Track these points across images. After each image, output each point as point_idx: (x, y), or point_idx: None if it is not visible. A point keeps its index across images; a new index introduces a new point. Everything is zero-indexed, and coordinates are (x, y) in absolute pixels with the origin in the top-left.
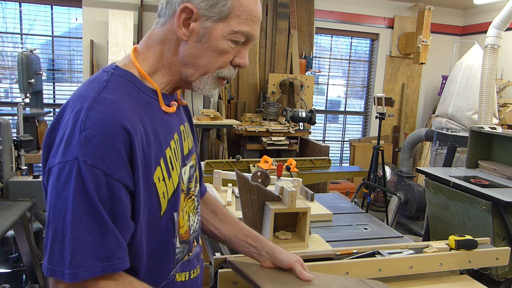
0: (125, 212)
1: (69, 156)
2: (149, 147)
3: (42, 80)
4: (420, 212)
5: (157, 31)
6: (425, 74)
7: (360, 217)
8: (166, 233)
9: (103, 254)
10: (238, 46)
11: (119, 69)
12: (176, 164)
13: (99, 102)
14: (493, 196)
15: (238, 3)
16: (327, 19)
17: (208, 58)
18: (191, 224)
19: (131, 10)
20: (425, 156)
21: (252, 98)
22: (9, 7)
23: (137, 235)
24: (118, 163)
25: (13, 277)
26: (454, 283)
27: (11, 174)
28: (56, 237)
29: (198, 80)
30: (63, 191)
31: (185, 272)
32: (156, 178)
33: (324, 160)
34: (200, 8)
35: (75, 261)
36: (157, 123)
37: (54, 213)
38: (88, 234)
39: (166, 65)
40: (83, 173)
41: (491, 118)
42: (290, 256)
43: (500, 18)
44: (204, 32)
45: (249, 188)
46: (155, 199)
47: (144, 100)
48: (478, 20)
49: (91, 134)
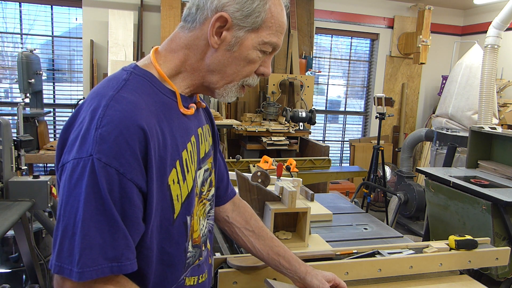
0: (136, 213)
1: (84, 153)
2: (165, 149)
3: (42, 80)
4: (420, 212)
5: (183, 36)
6: (425, 74)
7: (360, 217)
8: (178, 237)
9: (112, 254)
10: (265, 55)
11: (139, 69)
12: (192, 167)
13: (117, 100)
14: (493, 196)
15: (271, 14)
16: (327, 19)
17: (236, 66)
18: (201, 228)
19: (131, 10)
20: (425, 156)
21: (252, 98)
22: (9, 7)
23: (147, 237)
24: (132, 162)
25: (13, 277)
26: (454, 283)
27: (11, 174)
28: (66, 234)
29: (223, 87)
30: (76, 188)
31: (195, 276)
32: (170, 180)
33: (324, 160)
34: (235, 17)
35: (84, 259)
36: (175, 125)
37: (66, 209)
38: (98, 233)
39: (189, 70)
40: (96, 170)
41: (491, 118)
42: (322, 281)
43: (500, 18)
44: (236, 41)
45: (249, 188)
46: (168, 202)
47: (162, 101)
48: (478, 20)
49: (106, 131)
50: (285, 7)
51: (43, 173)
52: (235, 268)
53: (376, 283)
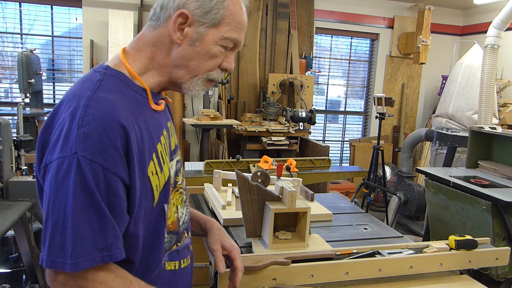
0: (121, 204)
1: (68, 152)
2: (143, 143)
3: (42, 80)
4: (420, 212)
5: (149, 34)
6: (425, 74)
7: (360, 217)
8: (156, 224)
9: (103, 244)
10: (227, 51)
11: (110, 69)
12: (166, 158)
13: (95, 100)
14: (493, 196)
15: (229, 12)
16: (327, 19)
17: (200, 61)
18: (179, 216)
19: (131, 10)
20: (425, 156)
21: (252, 98)
22: (9, 7)
23: (131, 226)
24: (116, 158)
25: (13, 277)
26: (454, 283)
27: (11, 174)
28: (56, 229)
29: (189, 81)
30: (63, 185)
31: (175, 261)
32: (149, 172)
33: (324, 160)
34: (195, 14)
35: (77, 251)
36: (148, 120)
37: (54, 206)
38: (88, 225)
39: (157, 66)
40: (82, 167)
41: (491, 118)
42: (217, 244)
43: (500, 18)
44: (198, 36)
45: (249, 188)
46: (149, 192)
47: (135, 98)
48: (478, 20)
49: (89, 130)
50: (246, 7)
51: None
52: None
53: (376, 283)
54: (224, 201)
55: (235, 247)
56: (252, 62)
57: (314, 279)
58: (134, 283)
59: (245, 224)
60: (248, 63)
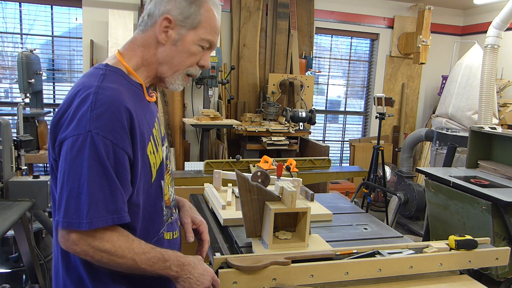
0: (126, 176)
1: (82, 130)
2: (143, 125)
3: (42, 80)
4: (420, 212)
5: (139, 37)
6: (425, 74)
7: (360, 217)
8: (155, 197)
9: (113, 208)
10: (204, 50)
11: (110, 66)
12: (159, 141)
13: (104, 88)
14: (493, 196)
15: (205, 18)
16: (327, 19)
17: (181, 58)
18: (170, 194)
19: (131, 10)
20: (425, 156)
21: (252, 98)
22: (9, 7)
23: (134, 196)
24: (123, 135)
25: (13, 277)
26: (454, 283)
27: (11, 174)
28: (72, 195)
29: (171, 76)
30: (77, 157)
31: (170, 232)
32: (148, 151)
33: (324, 160)
34: (177, 19)
35: (91, 212)
36: (145, 109)
37: (69, 175)
38: (100, 192)
39: (146, 64)
40: (96, 142)
41: (491, 118)
42: (188, 218)
43: (500, 18)
44: (179, 37)
45: (249, 188)
46: (148, 168)
47: (133, 90)
48: (478, 20)
49: (101, 112)
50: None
51: (43, 173)
52: (235, 268)
53: (376, 283)
54: (224, 201)
55: (203, 222)
56: (252, 62)
57: (314, 279)
58: (135, 241)
59: (245, 224)
60: (248, 63)
